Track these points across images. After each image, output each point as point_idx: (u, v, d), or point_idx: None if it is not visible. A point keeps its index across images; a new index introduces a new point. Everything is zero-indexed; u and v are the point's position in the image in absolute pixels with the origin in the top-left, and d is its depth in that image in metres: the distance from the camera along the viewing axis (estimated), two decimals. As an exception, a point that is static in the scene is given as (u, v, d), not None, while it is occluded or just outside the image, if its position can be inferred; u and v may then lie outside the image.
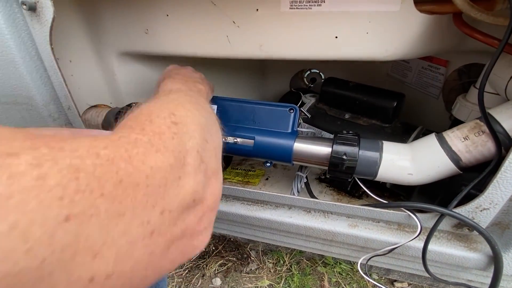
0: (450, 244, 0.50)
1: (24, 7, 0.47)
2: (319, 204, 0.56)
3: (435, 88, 0.77)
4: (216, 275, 0.89)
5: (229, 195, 0.65)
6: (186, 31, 0.59)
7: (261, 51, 0.57)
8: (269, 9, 0.51)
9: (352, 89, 0.69)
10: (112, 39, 0.66)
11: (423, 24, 0.46)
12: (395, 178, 0.52)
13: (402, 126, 0.64)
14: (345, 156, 0.50)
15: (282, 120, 0.60)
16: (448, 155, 0.47)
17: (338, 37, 0.50)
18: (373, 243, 0.55)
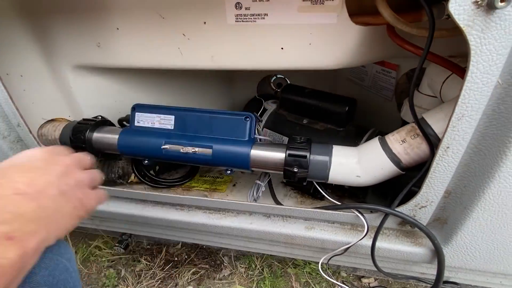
0: (398, 240, 0.53)
1: (-39, 26, 0.45)
2: (277, 209, 0.58)
3: (388, 90, 0.81)
4: (189, 283, 0.89)
5: (191, 205, 0.65)
6: (138, 43, 0.59)
7: (213, 62, 0.58)
8: (216, 22, 0.53)
9: (308, 95, 0.71)
10: (65, 53, 0.65)
11: (360, 35, 0.49)
12: (345, 180, 0.54)
13: (355, 129, 0.67)
14: (296, 169, 0.52)
15: (238, 128, 0.61)
16: (389, 157, 0.49)
17: (284, 48, 0.52)
18: (329, 244, 0.57)
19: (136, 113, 0.65)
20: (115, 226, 0.85)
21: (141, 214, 0.65)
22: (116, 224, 0.83)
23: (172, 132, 0.63)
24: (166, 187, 0.78)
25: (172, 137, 0.62)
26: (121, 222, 0.79)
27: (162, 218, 0.64)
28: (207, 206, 0.64)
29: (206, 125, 0.63)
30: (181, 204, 0.66)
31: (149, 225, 0.75)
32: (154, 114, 0.64)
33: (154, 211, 0.65)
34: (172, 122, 0.64)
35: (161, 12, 0.54)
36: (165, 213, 0.64)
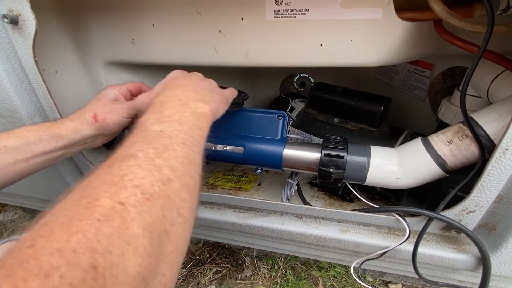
0: (440, 246, 0.51)
1: (6, 20, 0.46)
2: (310, 210, 0.56)
3: (421, 90, 0.78)
4: (211, 282, 0.89)
5: (221, 203, 0.65)
6: (172, 40, 0.59)
7: (248, 59, 0.57)
8: (254, 18, 0.52)
9: (340, 94, 0.70)
10: (98, 49, 0.66)
11: (405, 31, 0.47)
12: (384, 182, 0.52)
13: (389, 130, 0.65)
14: (332, 169, 0.51)
15: (271, 127, 0.60)
16: (434, 159, 0.47)
17: (323, 44, 0.51)
18: (364, 248, 0.55)
19: (167, 110, 0.65)
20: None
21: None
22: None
23: (203, 129, 0.63)
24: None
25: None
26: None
27: (191, 216, 0.64)
28: (237, 204, 0.63)
29: (238, 123, 0.62)
30: (210, 202, 0.65)
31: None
32: (185, 111, 0.64)
33: (184, 208, 0.64)
34: (203, 119, 0.64)
35: (199, 8, 0.53)
36: (194, 211, 0.64)
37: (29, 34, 0.47)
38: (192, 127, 0.33)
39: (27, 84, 0.54)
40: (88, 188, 0.22)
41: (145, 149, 0.27)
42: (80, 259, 0.17)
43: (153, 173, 0.25)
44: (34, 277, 0.16)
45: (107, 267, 0.18)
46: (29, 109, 0.56)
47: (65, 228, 0.18)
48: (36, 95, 0.55)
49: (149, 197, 0.23)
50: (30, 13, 0.45)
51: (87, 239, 0.18)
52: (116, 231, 0.20)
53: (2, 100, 0.54)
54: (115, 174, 0.24)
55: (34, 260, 0.16)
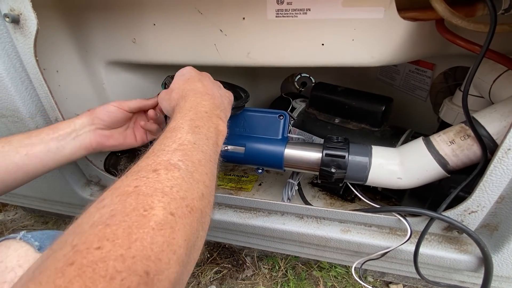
0: (441, 246, 0.51)
1: (7, 20, 0.46)
2: (311, 210, 0.56)
3: (422, 90, 0.78)
4: (211, 282, 0.88)
5: (222, 203, 0.64)
6: (174, 39, 0.59)
7: (249, 58, 0.57)
8: (256, 18, 0.52)
9: (341, 94, 0.69)
10: (100, 49, 0.66)
11: (407, 31, 0.47)
12: (385, 182, 0.52)
13: (391, 130, 0.65)
14: (334, 169, 0.51)
15: (272, 127, 0.60)
16: (435, 159, 0.47)
17: (325, 44, 0.51)
18: (366, 248, 0.55)
19: (168, 110, 0.64)
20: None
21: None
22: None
23: (204, 129, 0.63)
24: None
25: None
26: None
27: (192, 216, 0.64)
28: (237, 204, 0.63)
29: (239, 122, 0.62)
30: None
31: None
32: (186, 111, 0.64)
33: (184, 208, 0.64)
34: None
35: (200, 7, 0.53)
36: (195, 211, 0.64)
37: (30, 33, 0.47)
38: (214, 144, 0.35)
39: (28, 84, 0.54)
40: (142, 195, 0.24)
41: (185, 161, 0.29)
42: (137, 265, 0.19)
43: (193, 187, 0.27)
44: (101, 279, 0.18)
45: (156, 273, 0.20)
46: (30, 109, 0.56)
47: (126, 235, 0.20)
48: (37, 95, 0.55)
49: (191, 210, 0.25)
50: (31, 12, 0.45)
51: (143, 246, 0.20)
52: (166, 240, 0.22)
53: (3, 99, 0.54)
54: (165, 184, 0.26)
55: (102, 263, 0.18)
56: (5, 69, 0.51)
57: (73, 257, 0.18)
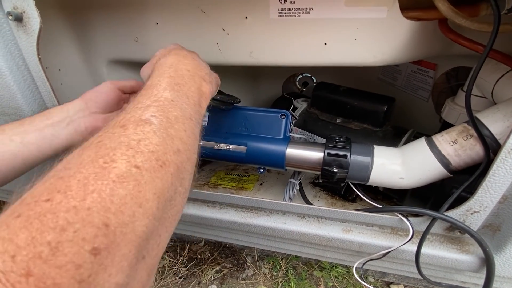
0: (443, 247, 0.51)
1: (10, 18, 0.46)
2: (313, 209, 0.56)
3: (424, 91, 0.78)
4: (212, 282, 0.88)
5: (223, 202, 0.64)
6: (176, 38, 0.59)
7: (252, 58, 0.57)
8: (258, 17, 0.52)
9: (343, 93, 0.69)
10: (102, 47, 0.66)
11: (410, 30, 0.47)
12: (387, 182, 0.52)
13: (393, 130, 0.65)
14: (336, 169, 0.51)
15: (274, 126, 0.60)
16: (438, 159, 0.47)
17: (327, 43, 0.51)
18: (367, 248, 0.55)
19: (170, 109, 0.64)
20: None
21: (172, 210, 0.64)
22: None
23: (206, 128, 0.63)
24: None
25: (206, 134, 0.62)
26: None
27: (193, 214, 0.64)
28: (239, 203, 0.63)
29: (241, 122, 0.62)
30: (212, 201, 0.65)
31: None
32: (188, 110, 0.64)
33: (186, 207, 0.64)
34: (206, 118, 0.64)
35: (203, 6, 0.53)
36: (196, 209, 0.64)
37: (33, 31, 0.47)
38: (195, 104, 0.34)
39: (30, 82, 0.54)
40: (104, 148, 0.22)
41: (159, 117, 0.27)
42: (94, 217, 0.18)
43: (167, 141, 0.26)
44: (50, 230, 0.17)
45: (118, 226, 0.19)
46: (32, 107, 0.56)
47: (81, 186, 0.19)
48: (39, 93, 0.55)
49: (162, 164, 0.24)
50: (35, 11, 0.45)
51: (101, 198, 0.19)
52: (130, 193, 0.20)
53: (6, 97, 0.54)
54: (132, 137, 0.24)
55: (51, 215, 0.17)
56: (8, 67, 0.51)
57: (19, 210, 0.18)
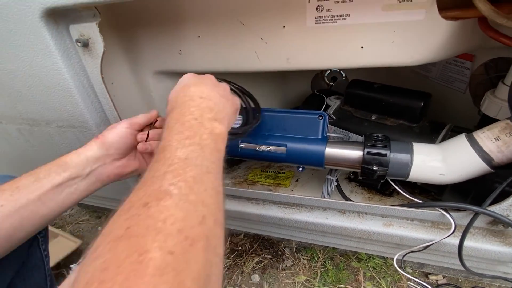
0: (486, 240, 0.52)
1: (79, 44, 0.52)
2: (354, 205, 0.59)
3: (461, 82, 0.77)
4: (254, 272, 0.94)
5: (266, 200, 0.69)
6: (217, 49, 0.63)
7: (288, 63, 0.60)
8: (295, 25, 0.54)
9: (378, 90, 0.71)
10: (149, 60, 0.72)
11: (448, 30, 0.48)
12: (427, 178, 0.54)
13: (429, 125, 0.66)
14: (376, 167, 0.53)
15: (312, 127, 0.63)
16: (479, 156, 0.48)
17: (364, 47, 0.53)
18: (408, 241, 0.57)
19: (212, 114, 0.69)
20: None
21: (219, 207, 0.70)
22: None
23: (247, 131, 0.67)
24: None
25: (247, 137, 0.66)
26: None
27: (239, 211, 0.69)
28: (281, 200, 0.68)
29: (279, 124, 0.65)
30: (256, 199, 0.70)
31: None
32: (229, 114, 0.68)
33: (231, 204, 0.70)
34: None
35: (242, 18, 0.57)
36: (242, 206, 0.69)
37: (97, 54, 0.53)
38: (212, 152, 0.32)
39: (93, 98, 0.61)
40: (134, 235, 0.22)
41: (177, 183, 0.26)
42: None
43: (190, 212, 0.25)
44: None
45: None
46: (96, 119, 0.64)
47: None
48: (101, 107, 0.62)
49: (192, 242, 0.23)
50: (99, 36, 0.51)
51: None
52: (171, 286, 0.20)
53: (74, 113, 0.62)
54: (157, 217, 0.23)
55: None
56: (76, 86, 0.58)
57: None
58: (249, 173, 0.95)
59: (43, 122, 0.69)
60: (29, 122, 0.71)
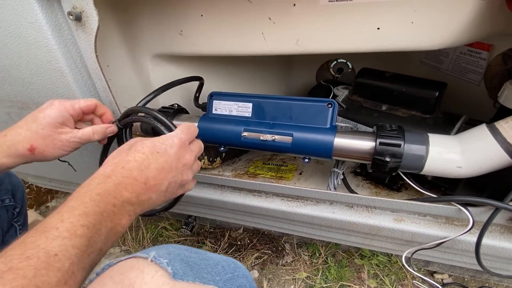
0: (504, 237, 0.49)
1: (71, 18, 0.48)
2: (363, 199, 0.56)
3: (475, 74, 0.74)
4: (253, 267, 0.91)
5: (269, 192, 0.65)
6: (221, 30, 0.59)
7: (298, 46, 0.56)
8: (307, 3, 0.50)
9: (389, 79, 0.67)
10: (147, 42, 0.67)
11: (474, 10, 0.44)
12: (443, 171, 0.50)
13: (444, 117, 0.62)
14: (388, 158, 0.50)
15: (320, 116, 0.59)
16: (502, 147, 0.45)
17: (380, 28, 0.49)
18: (419, 237, 0.54)
19: (214, 101, 0.65)
20: (184, 209, 0.88)
21: (219, 199, 0.66)
22: (186, 207, 0.86)
23: (250, 119, 0.63)
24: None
25: (250, 125, 0.62)
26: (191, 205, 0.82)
27: (240, 203, 0.66)
28: (284, 193, 0.64)
29: (285, 112, 0.62)
30: (258, 191, 0.66)
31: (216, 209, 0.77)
32: (232, 102, 0.64)
33: (233, 196, 0.66)
34: (250, 109, 0.64)
35: (249, -4, 0.52)
36: (243, 198, 0.66)
37: (91, 30, 0.49)
38: (95, 252, 0.30)
39: (87, 79, 0.57)
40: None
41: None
42: None
43: None
44: None
45: None
46: (89, 103, 0.59)
47: None
48: (95, 89, 0.58)
49: None
50: (93, 9, 0.47)
51: None
52: None
53: (66, 95, 0.57)
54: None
55: None
56: (68, 65, 0.54)
57: None
58: (250, 165, 0.91)
59: (33, 105, 0.65)
60: (18, 105, 0.67)
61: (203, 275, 0.30)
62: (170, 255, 0.30)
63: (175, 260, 0.30)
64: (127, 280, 0.27)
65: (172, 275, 0.28)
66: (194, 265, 0.31)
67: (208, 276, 0.30)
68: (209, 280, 0.30)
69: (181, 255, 0.31)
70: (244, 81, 0.94)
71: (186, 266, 0.30)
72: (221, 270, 0.33)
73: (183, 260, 0.30)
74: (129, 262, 0.29)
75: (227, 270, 0.33)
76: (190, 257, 0.32)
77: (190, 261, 0.31)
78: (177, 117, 0.67)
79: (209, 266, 0.32)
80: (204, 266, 0.32)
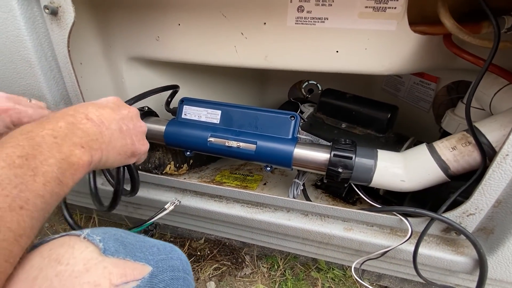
0: (439, 248, 0.54)
1: (46, 11, 0.49)
2: (317, 207, 0.59)
3: (425, 102, 0.82)
4: (210, 279, 0.90)
5: (230, 197, 0.67)
6: (197, 40, 0.62)
7: (266, 61, 0.60)
8: (276, 23, 0.55)
9: (349, 100, 0.73)
10: (124, 44, 0.69)
11: (417, 43, 0.51)
12: (389, 184, 0.55)
13: (395, 137, 0.68)
14: (341, 169, 0.54)
15: (283, 127, 0.63)
16: (437, 164, 0.50)
17: (339, 51, 0.54)
18: (366, 246, 0.58)
19: (184, 106, 0.68)
20: (144, 214, 0.87)
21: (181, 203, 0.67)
22: (146, 211, 0.85)
23: (217, 126, 0.66)
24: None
25: (217, 131, 0.65)
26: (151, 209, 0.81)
27: (200, 208, 0.66)
28: (245, 199, 0.66)
29: (251, 121, 0.65)
30: (219, 196, 0.67)
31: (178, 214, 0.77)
32: (202, 108, 0.67)
33: (194, 201, 0.67)
34: (219, 116, 0.67)
35: (224, 11, 0.57)
36: (204, 203, 0.66)
37: (66, 25, 0.50)
38: (47, 183, 0.27)
39: (56, 73, 0.57)
40: None
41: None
42: None
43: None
44: None
45: None
46: (55, 96, 0.59)
47: None
48: (63, 83, 0.58)
49: None
50: (70, 6, 0.49)
51: None
52: None
53: (32, 85, 0.57)
54: None
55: None
56: (37, 57, 0.54)
57: None
58: (217, 174, 0.93)
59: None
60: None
61: (136, 253, 0.31)
62: (105, 234, 0.30)
63: (109, 238, 0.30)
64: (55, 255, 0.27)
65: (103, 250, 0.28)
66: (128, 244, 0.31)
67: (141, 255, 0.31)
68: (141, 258, 0.30)
69: (116, 235, 0.31)
70: (218, 92, 0.97)
71: (120, 244, 0.30)
72: (156, 251, 0.33)
73: (117, 240, 0.31)
74: (61, 239, 0.29)
75: (162, 251, 0.33)
76: (126, 238, 0.32)
77: (125, 241, 0.31)
78: (145, 119, 0.68)
79: (144, 247, 0.32)
80: (139, 247, 0.32)
